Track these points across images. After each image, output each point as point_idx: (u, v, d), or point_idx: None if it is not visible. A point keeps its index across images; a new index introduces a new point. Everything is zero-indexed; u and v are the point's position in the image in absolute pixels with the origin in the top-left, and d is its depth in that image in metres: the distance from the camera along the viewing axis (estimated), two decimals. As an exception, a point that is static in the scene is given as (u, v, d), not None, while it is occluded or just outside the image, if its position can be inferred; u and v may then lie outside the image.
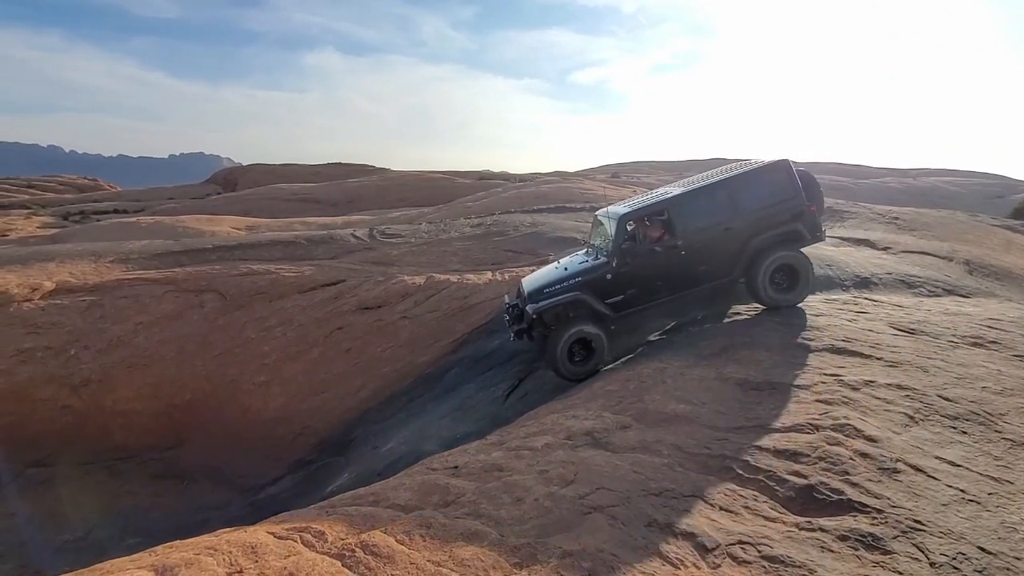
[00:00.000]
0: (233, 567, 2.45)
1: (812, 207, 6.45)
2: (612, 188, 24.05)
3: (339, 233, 13.62)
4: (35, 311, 8.42)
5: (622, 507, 2.59)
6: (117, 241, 13.67)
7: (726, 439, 3.60)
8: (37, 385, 7.62)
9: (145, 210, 30.75)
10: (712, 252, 6.31)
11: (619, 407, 4.26)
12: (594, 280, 6.23)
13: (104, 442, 7.52)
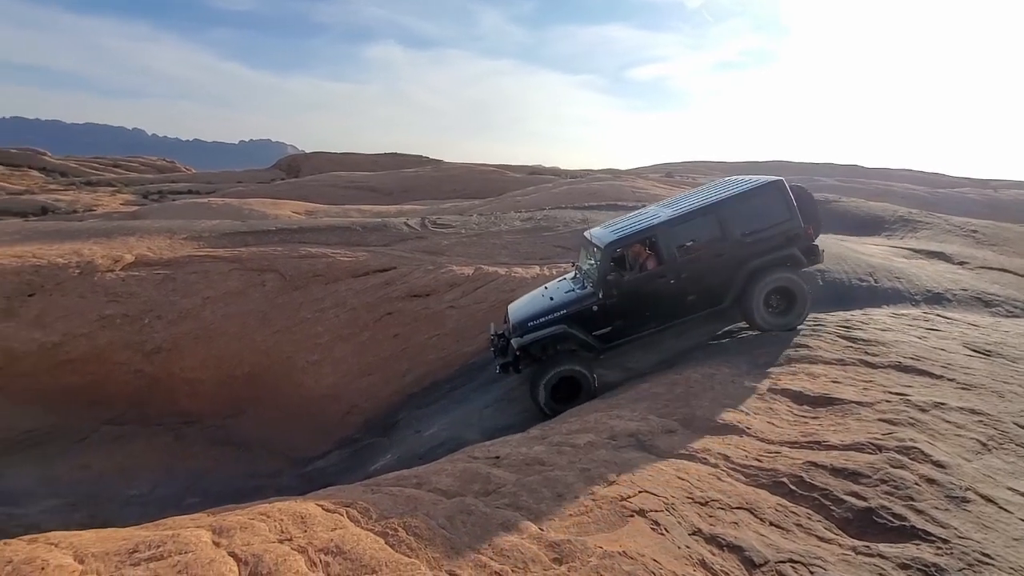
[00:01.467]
0: (283, 534, 2.58)
1: (809, 229, 6.08)
2: (665, 187, 23.45)
3: (393, 221, 13.96)
4: (116, 281, 9.11)
5: (665, 513, 2.54)
6: (190, 220, 14.57)
7: (778, 453, 3.45)
8: (115, 350, 8.25)
9: (216, 192, 32.59)
10: (703, 279, 5.96)
11: (665, 411, 4.16)
12: (580, 312, 5.93)
13: (170, 407, 8.06)
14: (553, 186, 27.51)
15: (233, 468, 7.15)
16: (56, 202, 25.76)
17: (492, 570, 2.04)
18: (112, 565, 2.37)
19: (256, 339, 8.98)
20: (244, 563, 2.27)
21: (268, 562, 2.25)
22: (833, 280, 9.03)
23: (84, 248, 9.65)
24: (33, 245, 9.79)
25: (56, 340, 7.94)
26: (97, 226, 12.07)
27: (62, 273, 8.78)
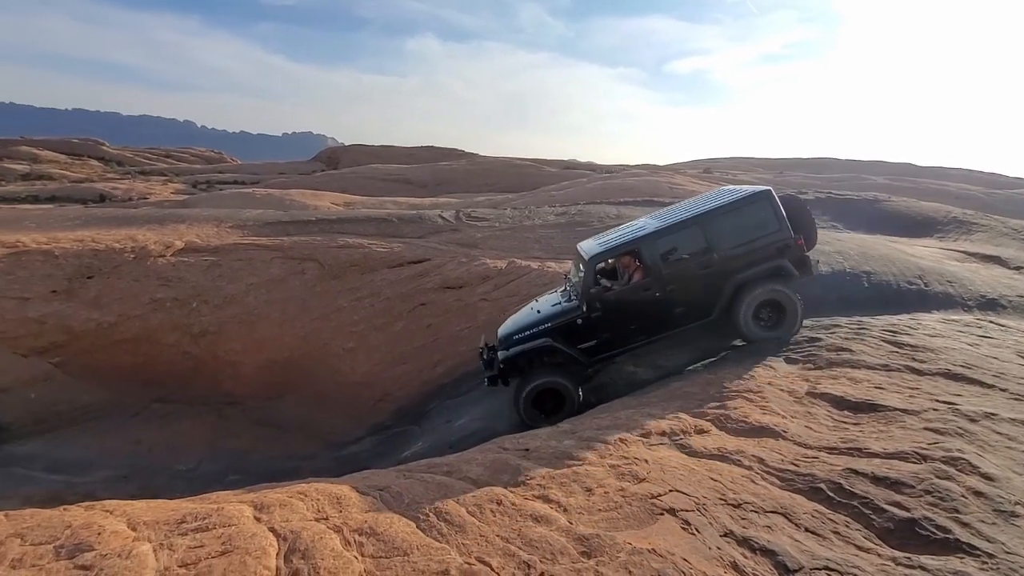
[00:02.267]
0: (320, 513, 2.68)
1: (800, 240, 5.88)
2: (703, 183, 22.91)
3: (427, 213, 14.13)
4: (167, 266, 9.55)
5: (697, 513, 2.52)
6: (236, 209, 15.12)
7: (817, 458, 3.36)
8: (165, 331, 8.68)
9: (260, 182, 33.67)
10: (689, 292, 5.84)
11: (699, 410, 4.10)
12: (564, 325, 5.84)
13: (215, 387, 8.43)
14: (588, 181, 27.28)
15: (272, 449, 7.44)
16: (113, 190, 27.13)
17: (521, 560, 2.07)
18: (162, 533, 2.52)
19: (295, 325, 9.27)
20: (283, 539, 2.38)
21: (305, 539, 2.35)
22: (880, 282, 8.68)
23: (138, 234, 10.16)
24: (92, 230, 10.36)
25: (112, 320, 8.41)
26: (150, 213, 12.67)
27: (118, 257, 9.27)
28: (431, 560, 2.11)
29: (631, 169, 40.15)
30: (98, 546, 2.40)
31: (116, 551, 2.32)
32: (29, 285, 8.39)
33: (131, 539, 2.46)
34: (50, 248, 9.06)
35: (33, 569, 2.28)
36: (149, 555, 2.26)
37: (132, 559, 2.23)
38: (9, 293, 8.20)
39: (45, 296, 8.36)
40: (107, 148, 48.13)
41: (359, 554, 2.22)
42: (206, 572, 2.11)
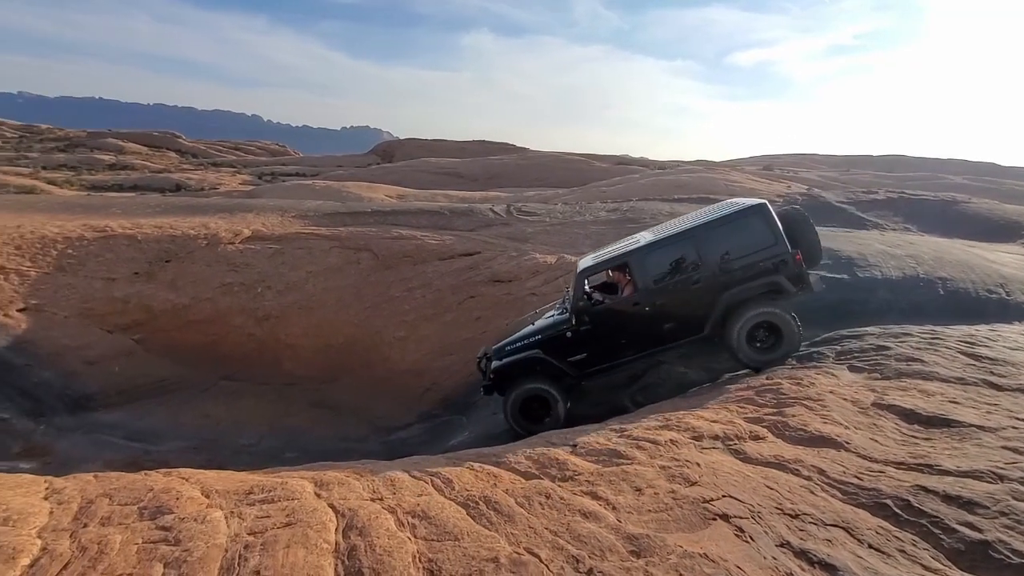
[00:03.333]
0: (375, 493, 2.79)
1: (797, 255, 5.58)
2: (762, 181, 21.94)
3: (479, 207, 14.27)
4: (235, 252, 10.13)
5: (751, 521, 2.45)
6: (297, 200, 15.83)
7: (882, 472, 3.19)
8: (232, 314, 9.22)
9: (319, 175, 35.02)
10: (679, 308, 5.69)
11: (754, 416, 3.97)
12: (554, 337, 5.83)
13: (276, 368, 8.89)
14: (640, 177, 26.73)
15: (326, 429, 7.77)
16: (188, 180, 28.97)
17: (570, 554, 2.08)
18: (232, 502, 2.70)
19: (350, 312, 9.63)
20: (342, 515, 2.50)
21: (362, 517, 2.46)
22: (957, 290, 8.07)
23: (211, 222, 10.82)
24: (170, 218, 11.13)
25: (186, 302, 9.02)
26: (221, 203, 13.46)
27: (192, 243, 9.92)
28: (481, 547, 2.17)
29: (685, 165, 39.02)
30: (176, 510, 2.61)
31: (192, 515, 2.51)
32: (115, 267, 9.12)
33: (205, 505, 2.66)
34: (134, 233, 9.80)
35: (120, 527, 2.50)
36: (221, 522, 2.44)
37: (206, 524, 2.41)
38: (98, 274, 8.95)
39: (129, 277, 9.07)
40: (183, 141, 51.40)
41: (412, 535, 2.30)
42: (272, 541, 2.24)
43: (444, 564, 2.07)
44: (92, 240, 9.47)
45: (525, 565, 2.01)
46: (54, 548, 2.28)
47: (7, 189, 22.28)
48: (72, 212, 11.31)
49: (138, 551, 2.23)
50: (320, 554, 2.16)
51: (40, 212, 11.24)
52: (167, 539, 2.31)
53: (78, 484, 3.05)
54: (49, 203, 13.55)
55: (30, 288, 8.44)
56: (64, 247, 9.19)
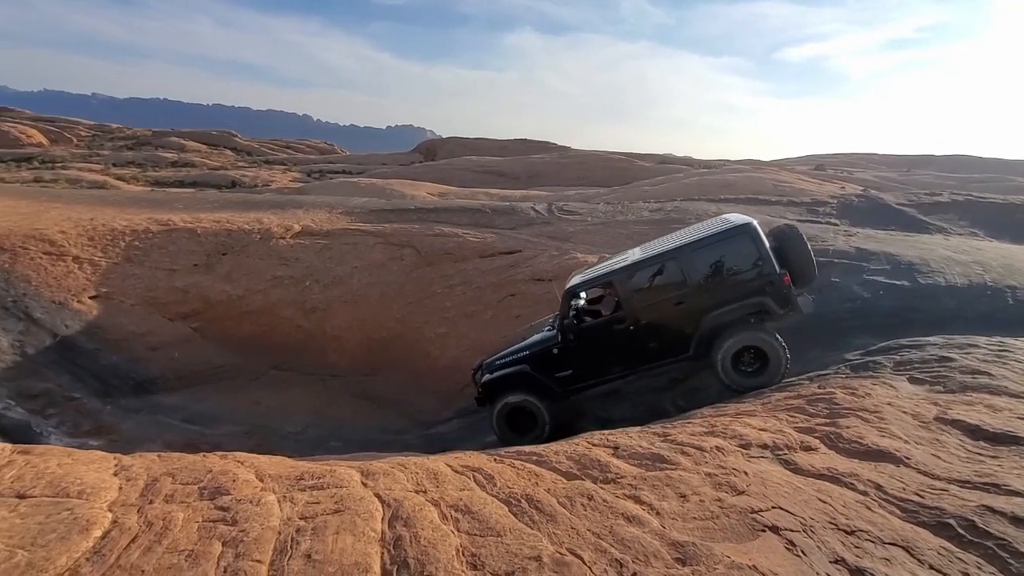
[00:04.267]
0: (419, 486, 2.85)
1: (785, 277, 5.45)
2: (813, 181, 21.01)
3: (520, 206, 14.30)
4: (286, 247, 10.53)
5: (803, 535, 2.36)
6: (344, 196, 16.29)
7: (946, 491, 3.01)
8: (282, 306, 9.59)
9: (364, 172, 35.92)
10: (664, 327, 5.67)
11: (805, 426, 3.82)
12: (541, 353, 5.94)
13: (322, 360, 9.19)
14: (684, 176, 26.11)
15: (368, 421, 7.98)
16: (242, 177, 30.30)
17: (613, 557, 2.07)
18: (284, 486, 2.82)
19: (393, 308, 9.85)
20: (387, 505, 2.56)
21: (407, 508, 2.52)
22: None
23: (264, 217, 11.28)
24: (227, 213, 11.67)
25: (240, 293, 9.45)
26: (273, 199, 14.01)
27: (247, 238, 10.37)
28: (523, 545, 2.18)
29: (732, 164, 37.83)
30: (233, 491, 2.74)
31: (248, 498, 2.63)
32: (177, 258, 9.65)
33: (259, 489, 2.78)
34: (194, 227, 10.34)
35: (182, 505, 2.65)
36: (275, 505, 2.54)
37: (261, 507, 2.52)
38: (161, 265, 9.50)
39: (188, 269, 9.58)
40: (239, 140, 53.79)
41: (455, 529, 2.34)
42: (322, 526, 2.33)
43: (487, 559, 2.09)
44: (156, 233, 10.04)
45: (568, 566, 2.01)
46: (123, 522, 2.44)
47: (81, 184, 23.91)
48: (139, 206, 12.04)
49: (199, 529, 2.36)
50: (367, 542, 2.23)
51: (110, 206, 12.01)
52: (225, 519, 2.43)
53: (144, 462, 3.25)
54: (118, 198, 14.46)
55: (101, 277, 9.04)
56: (131, 239, 9.79)
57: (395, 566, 2.08)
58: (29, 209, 10.79)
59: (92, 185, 23.73)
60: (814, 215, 14.53)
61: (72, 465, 3.04)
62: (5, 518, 2.43)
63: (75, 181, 24.73)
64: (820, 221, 13.71)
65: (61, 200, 12.38)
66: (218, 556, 2.14)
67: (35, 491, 2.70)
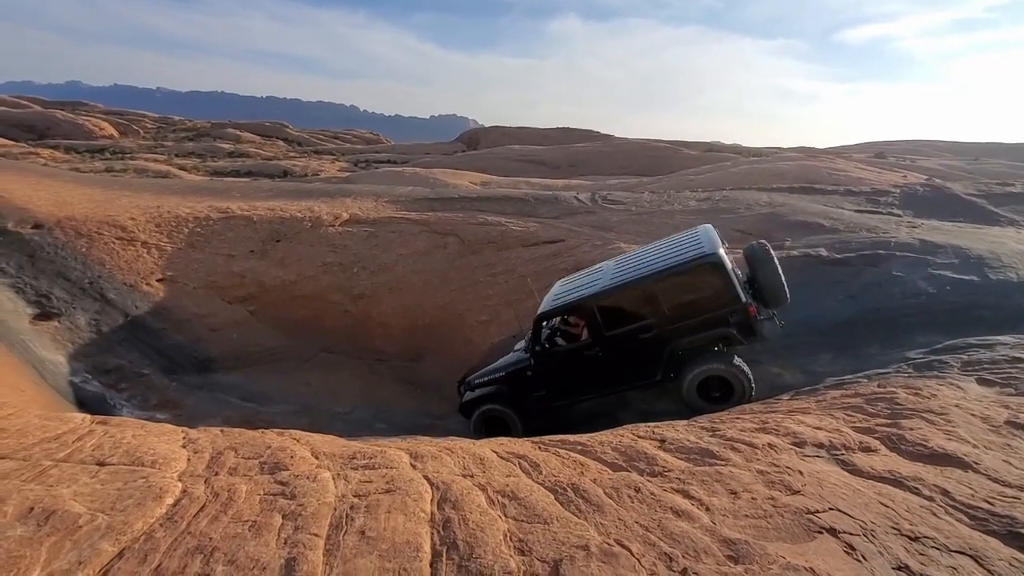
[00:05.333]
0: (466, 470, 2.90)
1: (751, 307, 5.48)
2: (872, 170, 19.79)
3: (563, 195, 14.18)
4: (335, 234, 10.85)
5: (863, 539, 2.26)
6: (389, 186, 16.59)
7: (1017, 499, 2.81)
8: (331, 291, 9.91)
9: (408, 162, 36.46)
10: (631, 353, 5.77)
11: (863, 426, 3.65)
12: (516, 374, 6.21)
13: (368, 344, 9.46)
14: (732, 165, 25.14)
15: (411, 404, 8.18)
16: (293, 167, 31.33)
17: (662, 551, 2.04)
18: (338, 464, 2.93)
19: (436, 295, 10.00)
20: (436, 487, 2.62)
21: (455, 491, 2.57)
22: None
23: (314, 206, 11.65)
24: (280, 201, 12.12)
25: (292, 279, 9.82)
26: (323, 188, 14.44)
27: (299, 225, 10.75)
28: (571, 533, 2.18)
29: (784, 152, 36.14)
30: (291, 467, 2.87)
31: (305, 474, 2.76)
32: (235, 244, 10.12)
33: (315, 466, 2.90)
34: (250, 215, 10.79)
35: (244, 478, 2.80)
36: (330, 482, 2.65)
37: (317, 483, 2.63)
38: (221, 250, 9.98)
39: (245, 254, 10.03)
40: (290, 131, 55.60)
41: (502, 514, 2.37)
42: (375, 505, 2.41)
43: (534, 546, 2.11)
44: (216, 220, 10.55)
45: (616, 557, 2.00)
46: (192, 491, 2.60)
47: (147, 173, 25.35)
48: (200, 195, 12.67)
49: (260, 501, 2.49)
50: (418, 522, 2.29)
51: (174, 194, 12.69)
52: (284, 493, 2.55)
53: (208, 436, 3.45)
54: (181, 186, 15.26)
55: (166, 261, 9.59)
56: (194, 226, 10.32)
57: (445, 547, 2.13)
58: (103, 197, 11.54)
59: (157, 174, 25.13)
60: (874, 205, 13.75)
61: (145, 436, 3.26)
62: (87, 483, 2.63)
63: (142, 171, 26.26)
64: (881, 211, 12.96)
65: (130, 189, 13.17)
66: (279, 528, 2.25)
67: (113, 459, 2.92)
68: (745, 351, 7.57)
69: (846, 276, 8.65)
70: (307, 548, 2.10)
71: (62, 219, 9.83)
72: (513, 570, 1.96)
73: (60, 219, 9.83)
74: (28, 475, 2.64)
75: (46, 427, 3.30)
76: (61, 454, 2.91)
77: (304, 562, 2.01)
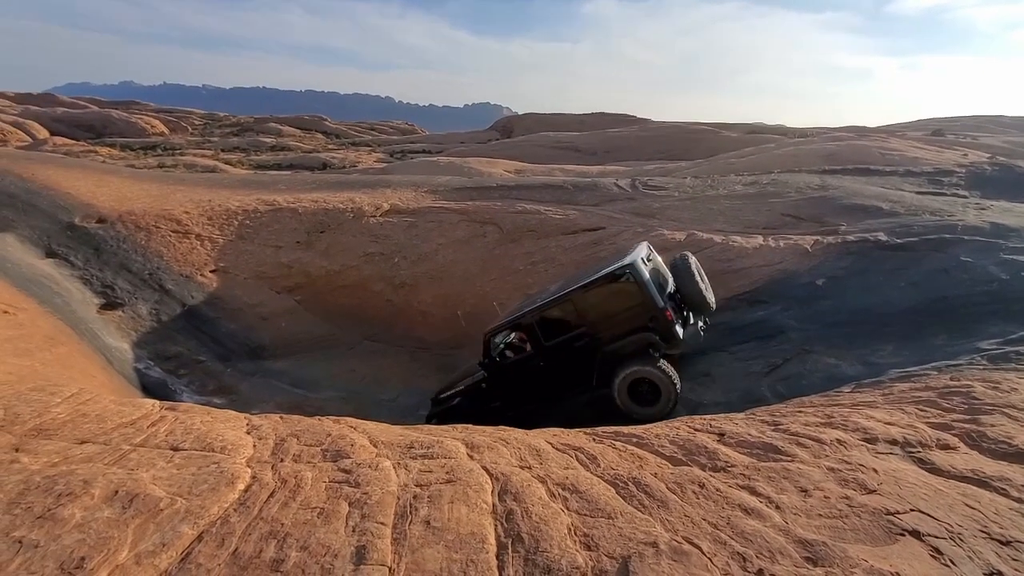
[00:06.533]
0: (523, 462, 2.89)
1: (667, 312, 5.93)
2: (929, 149, 18.55)
3: (602, 181, 13.93)
4: (376, 225, 11.01)
5: (949, 542, 2.13)
6: (427, 175, 16.69)
7: (1122, 506, 2.60)
8: (373, 281, 10.08)
9: (443, 151, 36.60)
10: (569, 364, 6.27)
11: (939, 421, 3.44)
12: (474, 387, 6.74)
13: (410, 333, 9.60)
14: (776, 147, 24.08)
15: (454, 393, 8.25)
16: (332, 159, 31.94)
17: (734, 550, 1.98)
18: (397, 453, 2.97)
19: (475, 284, 10.03)
20: (496, 479, 2.62)
21: (515, 483, 2.56)
22: None
23: (356, 197, 11.83)
24: (323, 193, 12.37)
25: (336, 268, 10.04)
26: (363, 179, 14.65)
27: (342, 216, 10.95)
28: (636, 529, 2.14)
29: (832, 132, 34.38)
30: (352, 455, 2.92)
31: (367, 462, 2.81)
32: (282, 236, 10.40)
33: (375, 454, 2.95)
34: (295, 207, 11.06)
35: (309, 465, 2.87)
36: (391, 471, 2.69)
37: (379, 472, 2.68)
38: (269, 242, 10.28)
39: (292, 245, 10.30)
40: (329, 123, 56.68)
41: (565, 507, 2.34)
42: (437, 495, 2.43)
43: (600, 541, 2.08)
44: (264, 212, 10.87)
45: (687, 555, 1.95)
46: (261, 477, 2.68)
47: (196, 168, 26.36)
48: (247, 188, 13.06)
49: (326, 488, 2.54)
50: (481, 513, 2.29)
51: (224, 188, 13.13)
52: (348, 481, 2.60)
53: (270, 423, 3.56)
54: (230, 180, 15.78)
55: (219, 253, 9.96)
56: (243, 218, 10.66)
57: (509, 539, 2.12)
58: (158, 192, 12.05)
59: (205, 169, 26.10)
60: (937, 186, 12.95)
61: (212, 423, 3.39)
62: (164, 468, 2.76)
63: (191, 166, 27.32)
64: (945, 193, 12.20)
65: (183, 183, 13.71)
66: (346, 515, 2.29)
67: (185, 445, 3.04)
68: (798, 340, 7.32)
69: (908, 262, 8.20)
70: (375, 536, 2.13)
71: (123, 213, 10.32)
72: (581, 565, 1.94)
73: (121, 213, 10.32)
74: (110, 459, 2.79)
75: (121, 412, 3.48)
76: (138, 439, 3.06)
77: (374, 550, 2.05)
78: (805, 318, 7.68)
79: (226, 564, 1.99)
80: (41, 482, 2.45)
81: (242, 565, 1.99)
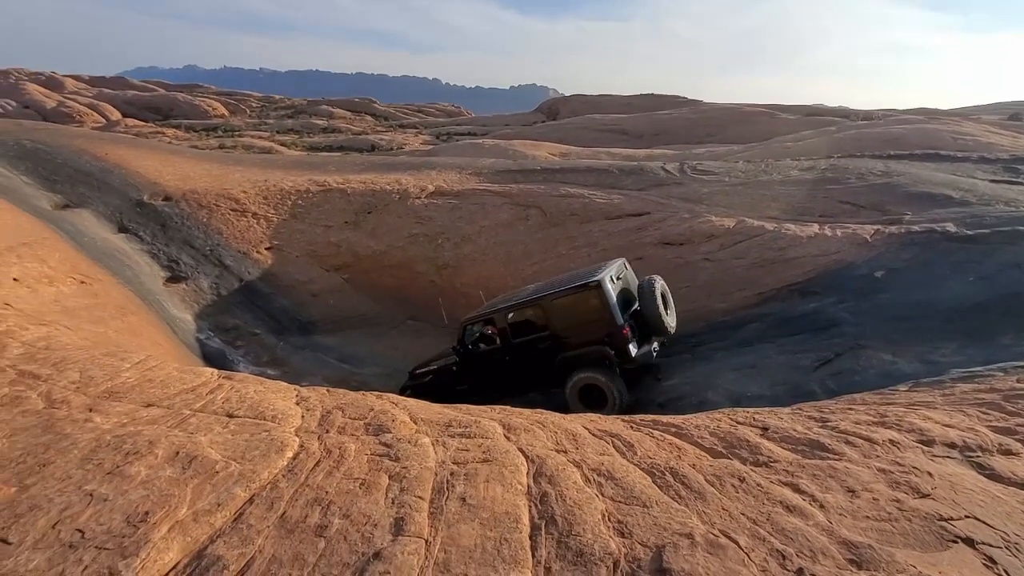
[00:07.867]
0: (559, 445, 2.92)
1: (625, 329, 6.35)
2: (1006, 134, 16.98)
3: (649, 165, 13.57)
4: (421, 206, 11.17)
5: (1005, 552, 2.01)
6: (472, 158, 16.73)
7: None
8: (417, 262, 10.28)
9: (488, 134, 36.52)
10: (531, 360, 6.77)
11: (1002, 426, 3.22)
12: (445, 369, 7.29)
13: (451, 313, 9.74)
14: (837, 130, 22.69)
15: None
16: (380, 141, 32.48)
17: (773, 547, 1.94)
18: (436, 431, 3.06)
19: (517, 267, 10.06)
20: (532, 461, 2.66)
21: (550, 466, 2.59)
22: None
23: (402, 178, 12.03)
24: (371, 174, 12.64)
25: (382, 249, 10.28)
26: (409, 161, 14.85)
27: (388, 197, 11.17)
28: (672, 519, 2.13)
29: (900, 115, 32.03)
30: (393, 430, 3.03)
31: (406, 438, 2.90)
32: (331, 216, 10.73)
33: (414, 431, 3.05)
34: (344, 188, 11.36)
35: (352, 437, 3.00)
36: (430, 448, 2.77)
37: (419, 447, 2.76)
38: (320, 221, 10.63)
39: (340, 225, 10.62)
40: (377, 106, 57.51)
41: (599, 493, 2.36)
42: (474, 473, 2.49)
43: (635, 529, 2.09)
44: (315, 193, 11.22)
45: (724, 549, 1.93)
46: (308, 447, 2.82)
47: (253, 149, 27.42)
48: (300, 169, 13.51)
49: (368, 460, 2.65)
50: (515, 494, 2.34)
51: (278, 169, 13.63)
52: (389, 455, 2.70)
53: (318, 395, 3.72)
54: (283, 161, 16.34)
55: (273, 231, 10.39)
56: (296, 198, 11.05)
57: (543, 521, 2.16)
58: (218, 172, 12.63)
59: (261, 150, 27.13)
60: (1014, 175, 11.92)
61: (264, 392, 3.58)
62: (220, 433, 2.94)
63: (248, 147, 28.45)
64: (1022, 182, 11.23)
65: (241, 164, 14.31)
66: (386, 488, 2.39)
67: (240, 412, 3.23)
68: (852, 335, 6.99)
69: (978, 255, 7.65)
70: (413, 510, 2.21)
71: (186, 192, 10.90)
72: (614, 551, 1.95)
73: (185, 192, 10.90)
74: (172, 422, 3.00)
75: (183, 379, 3.73)
76: (197, 404, 3.28)
77: (411, 523, 2.13)
78: (861, 311, 7.32)
79: (274, 527, 2.12)
80: (111, 441, 2.67)
81: (289, 528, 2.11)
